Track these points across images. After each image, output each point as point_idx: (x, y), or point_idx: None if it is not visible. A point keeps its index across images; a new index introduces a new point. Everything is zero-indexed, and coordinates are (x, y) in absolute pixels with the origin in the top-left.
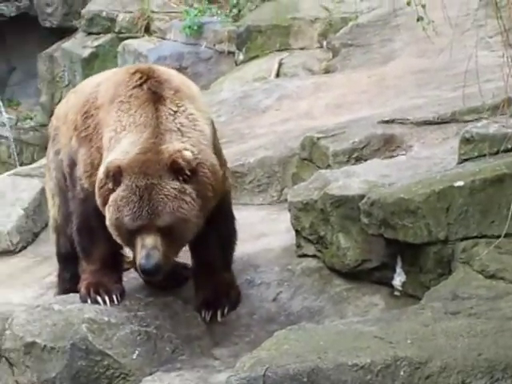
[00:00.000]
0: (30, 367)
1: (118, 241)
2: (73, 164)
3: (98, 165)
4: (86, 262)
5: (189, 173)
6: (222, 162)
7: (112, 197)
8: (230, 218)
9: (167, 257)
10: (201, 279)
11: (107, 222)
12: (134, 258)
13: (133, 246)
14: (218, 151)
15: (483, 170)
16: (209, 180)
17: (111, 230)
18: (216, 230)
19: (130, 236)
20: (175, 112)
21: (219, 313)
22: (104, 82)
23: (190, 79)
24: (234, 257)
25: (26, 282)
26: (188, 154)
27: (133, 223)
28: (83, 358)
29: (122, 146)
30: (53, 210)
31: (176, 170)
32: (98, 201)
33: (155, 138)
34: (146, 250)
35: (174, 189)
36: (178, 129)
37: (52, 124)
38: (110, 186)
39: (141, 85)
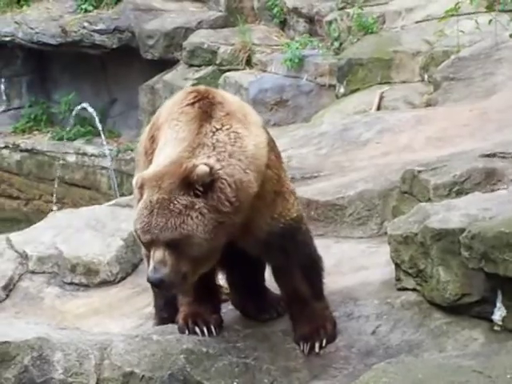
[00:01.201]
0: None
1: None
2: None
3: None
4: (181, 295)
5: (201, 188)
6: (284, 188)
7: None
8: (308, 246)
9: (176, 272)
10: (293, 311)
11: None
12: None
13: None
14: (273, 177)
15: None
16: (227, 196)
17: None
18: (292, 258)
19: (146, 249)
20: (217, 129)
21: (317, 345)
22: (165, 104)
23: (291, 112)
24: (323, 285)
25: (125, 312)
26: (202, 169)
27: (143, 237)
28: None
29: (157, 159)
30: None
31: (187, 184)
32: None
33: (185, 152)
34: (153, 263)
35: (182, 204)
36: (212, 144)
37: (137, 151)
38: (138, 196)
39: (193, 103)
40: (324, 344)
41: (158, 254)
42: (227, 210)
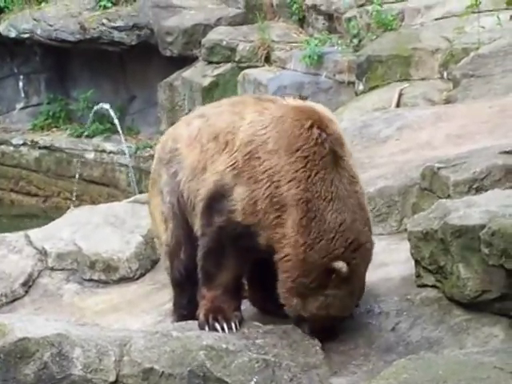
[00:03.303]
0: None
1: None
2: (220, 196)
3: (265, 209)
4: (207, 288)
5: None
6: None
7: (333, 290)
8: None
9: None
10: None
11: (313, 308)
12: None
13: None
14: None
15: None
16: None
17: (313, 315)
18: None
19: (329, 319)
20: (352, 178)
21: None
22: (272, 127)
23: None
24: None
25: (145, 308)
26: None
27: (341, 316)
28: None
29: (331, 225)
30: (165, 235)
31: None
32: (311, 282)
33: (355, 223)
34: (334, 328)
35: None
36: (358, 200)
37: (166, 145)
38: (338, 280)
39: (322, 143)
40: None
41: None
42: None
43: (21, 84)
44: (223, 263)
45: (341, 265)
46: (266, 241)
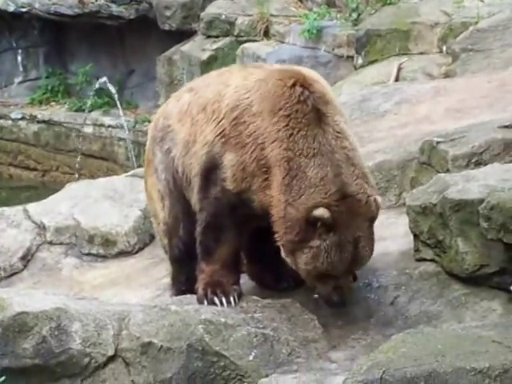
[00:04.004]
0: (146, 367)
1: (308, 281)
2: (213, 167)
3: (253, 173)
4: (206, 262)
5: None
6: None
7: (318, 242)
8: None
9: None
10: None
11: (301, 263)
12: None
13: (318, 282)
14: None
15: None
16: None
17: (305, 274)
18: None
19: (324, 278)
20: (338, 133)
21: None
22: (255, 90)
23: None
24: None
25: (143, 282)
26: (377, 205)
27: (339, 271)
28: (199, 359)
29: (311, 180)
30: (162, 213)
31: (372, 220)
32: (294, 236)
33: (340, 176)
34: (341, 289)
35: (370, 235)
36: (346, 155)
37: (157, 124)
38: (321, 230)
39: (305, 101)
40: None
41: (345, 281)
42: None
43: (19, 58)
44: (222, 237)
45: (321, 211)
46: (260, 206)
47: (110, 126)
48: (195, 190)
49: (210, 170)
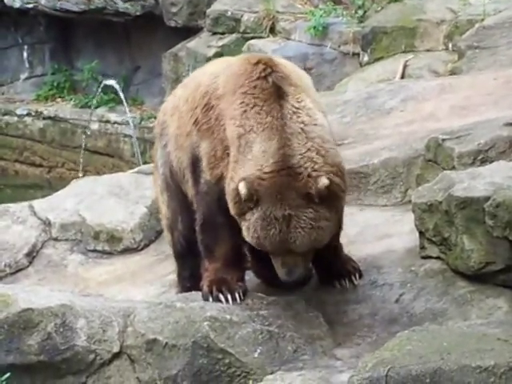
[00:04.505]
0: (151, 364)
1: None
2: (196, 159)
3: (222, 156)
4: (209, 260)
5: (322, 199)
6: None
7: (249, 216)
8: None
9: (308, 266)
10: (321, 256)
11: (244, 233)
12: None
13: (273, 259)
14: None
15: None
16: (342, 188)
17: (250, 240)
18: None
19: (270, 253)
20: (297, 109)
21: (353, 278)
22: (223, 72)
23: (315, 80)
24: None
25: (149, 279)
26: (322, 183)
27: (272, 248)
28: (205, 356)
29: (254, 153)
30: (163, 208)
31: (309, 198)
32: (233, 210)
33: (284, 148)
34: (288, 267)
35: (310, 218)
36: (302, 129)
37: (159, 120)
38: (249, 204)
39: (265, 77)
40: (357, 278)
41: (290, 260)
42: (343, 200)
43: (25, 54)
44: (218, 235)
45: (240, 185)
46: None
47: (115, 123)
48: (189, 185)
49: (194, 163)
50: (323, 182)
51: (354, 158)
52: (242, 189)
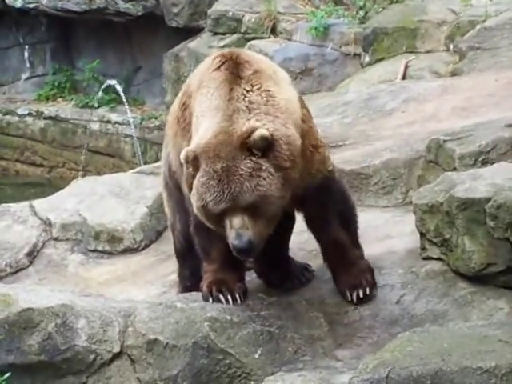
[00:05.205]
0: (151, 364)
1: (209, 226)
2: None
3: None
4: (206, 262)
5: (261, 150)
6: (319, 143)
7: (194, 184)
8: (344, 196)
9: (258, 234)
10: (333, 261)
11: (195, 210)
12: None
13: (224, 230)
14: (309, 132)
15: None
16: (284, 151)
17: (200, 216)
18: (330, 209)
19: (218, 220)
20: (248, 91)
21: (361, 293)
22: (195, 71)
23: (316, 81)
24: (358, 232)
25: (149, 279)
26: (258, 133)
27: (217, 207)
28: (205, 357)
29: (198, 133)
30: (166, 207)
31: (247, 149)
32: (187, 191)
33: (224, 121)
34: (235, 230)
35: (249, 167)
36: (247, 107)
37: (166, 120)
38: (191, 171)
39: (219, 67)
40: (368, 292)
41: (236, 220)
42: (288, 166)
43: (26, 54)
44: (211, 236)
45: (181, 154)
46: None
47: (116, 123)
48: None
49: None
50: (260, 132)
51: (354, 158)
52: (182, 154)
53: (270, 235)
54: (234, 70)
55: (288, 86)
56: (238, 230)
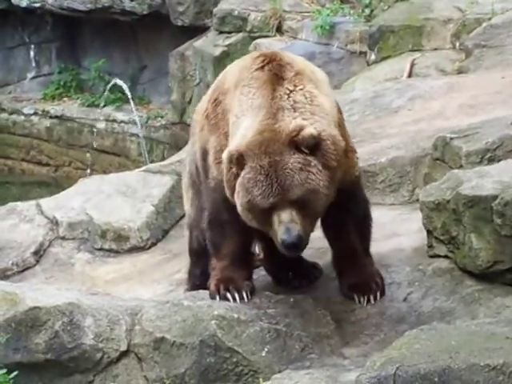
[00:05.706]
0: (158, 363)
1: (254, 225)
2: (205, 154)
3: None
4: (216, 258)
5: (309, 148)
6: (350, 147)
7: (238, 181)
8: (363, 203)
9: (305, 229)
10: (344, 265)
11: (239, 209)
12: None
13: (270, 227)
14: (344, 136)
15: None
16: (331, 150)
17: (244, 215)
18: (350, 214)
19: (265, 216)
20: (291, 91)
21: (372, 297)
22: (230, 68)
23: None
24: (371, 243)
25: (156, 278)
26: (308, 131)
27: (265, 202)
28: (212, 355)
29: (240, 130)
30: (187, 205)
31: (295, 146)
32: (228, 191)
33: (268, 119)
34: (285, 224)
35: (298, 162)
36: (291, 106)
37: (192, 119)
38: (234, 170)
39: (262, 67)
40: (378, 297)
41: (285, 214)
42: (334, 165)
43: (32, 53)
44: (225, 233)
45: (224, 154)
46: None
47: (122, 122)
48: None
49: (205, 158)
50: (310, 130)
51: (361, 156)
52: (225, 154)
53: None
54: (278, 71)
55: (328, 88)
56: (288, 225)
